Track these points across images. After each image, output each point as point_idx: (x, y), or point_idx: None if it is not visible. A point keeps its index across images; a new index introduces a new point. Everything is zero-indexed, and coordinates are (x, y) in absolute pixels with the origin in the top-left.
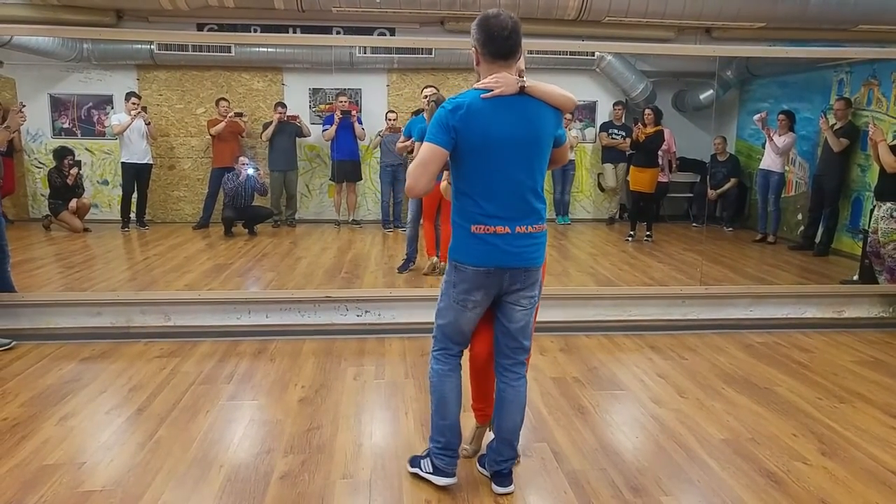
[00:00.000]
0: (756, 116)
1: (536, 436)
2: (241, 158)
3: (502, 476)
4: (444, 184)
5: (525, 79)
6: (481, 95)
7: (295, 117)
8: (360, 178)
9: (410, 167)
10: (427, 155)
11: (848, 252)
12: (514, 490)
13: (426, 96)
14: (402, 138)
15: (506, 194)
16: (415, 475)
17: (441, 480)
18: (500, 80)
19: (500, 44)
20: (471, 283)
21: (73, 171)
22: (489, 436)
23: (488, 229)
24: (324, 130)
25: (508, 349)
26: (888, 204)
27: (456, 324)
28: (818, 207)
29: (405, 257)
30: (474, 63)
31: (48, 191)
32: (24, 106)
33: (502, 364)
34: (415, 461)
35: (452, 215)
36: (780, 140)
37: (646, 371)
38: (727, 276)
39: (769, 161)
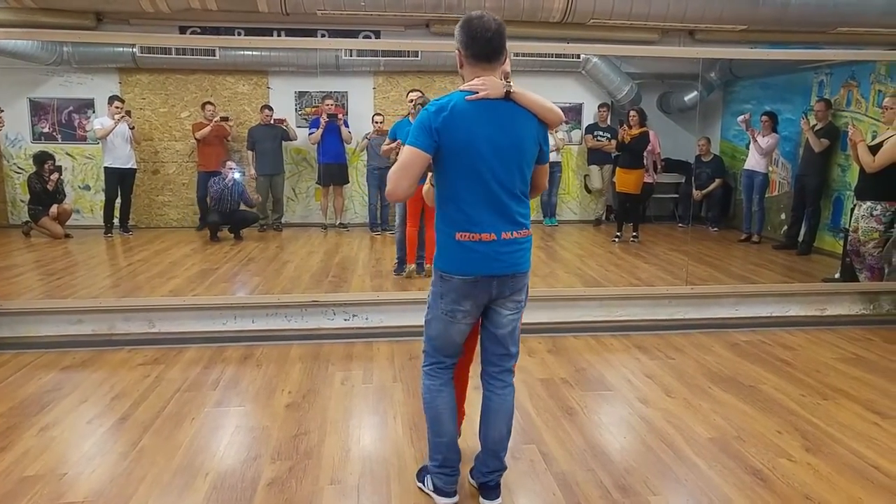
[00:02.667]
0: (740, 118)
1: (525, 437)
2: (229, 163)
3: (489, 489)
4: (426, 186)
5: (512, 83)
6: (466, 97)
7: (282, 121)
8: (347, 182)
9: (391, 171)
10: (408, 158)
11: (830, 251)
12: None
13: (412, 100)
14: (387, 141)
15: (490, 199)
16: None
17: (441, 501)
18: (486, 83)
19: (482, 45)
20: (458, 292)
21: (54, 176)
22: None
23: (473, 236)
24: (310, 134)
25: (495, 356)
26: (868, 203)
27: (446, 336)
28: (801, 207)
29: (396, 261)
30: (458, 66)
31: (28, 196)
32: (2, 111)
33: (489, 372)
34: (420, 475)
35: (437, 222)
36: (764, 141)
37: (633, 371)
38: (713, 276)
39: (753, 161)
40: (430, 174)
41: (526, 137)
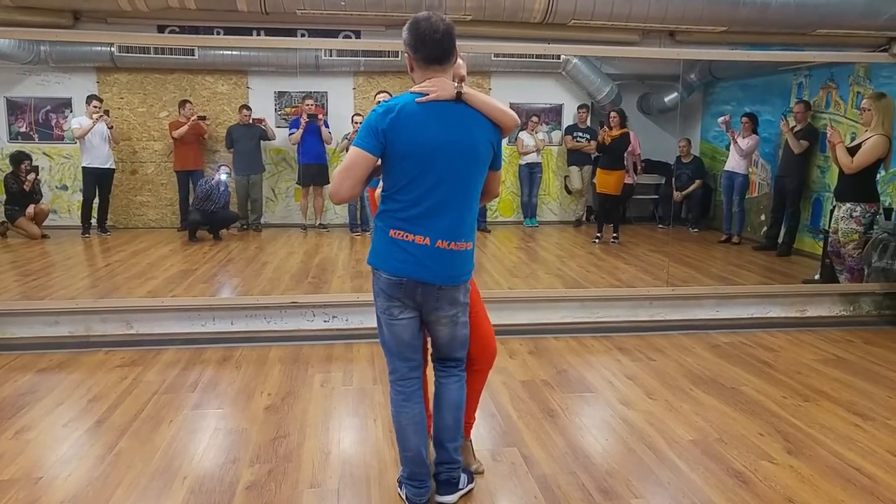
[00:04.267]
0: (720, 119)
1: (506, 440)
2: (223, 167)
3: (439, 482)
4: (378, 190)
5: (463, 85)
6: (416, 99)
7: (261, 120)
8: (328, 182)
9: (335, 171)
10: (352, 159)
11: (809, 252)
12: (454, 501)
13: (378, 101)
14: None
15: (433, 204)
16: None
17: None
18: (436, 85)
19: (431, 47)
20: (386, 293)
21: (31, 176)
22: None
23: (407, 236)
24: (290, 134)
25: (439, 359)
26: (847, 204)
27: (392, 337)
28: (780, 208)
29: None
30: (408, 69)
31: (4, 196)
32: None
33: (436, 367)
34: (400, 482)
35: (375, 218)
36: (744, 142)
37: (614, 373)
38: (693, 277)
39: (734, 163)
40: None
41: (477, 140)
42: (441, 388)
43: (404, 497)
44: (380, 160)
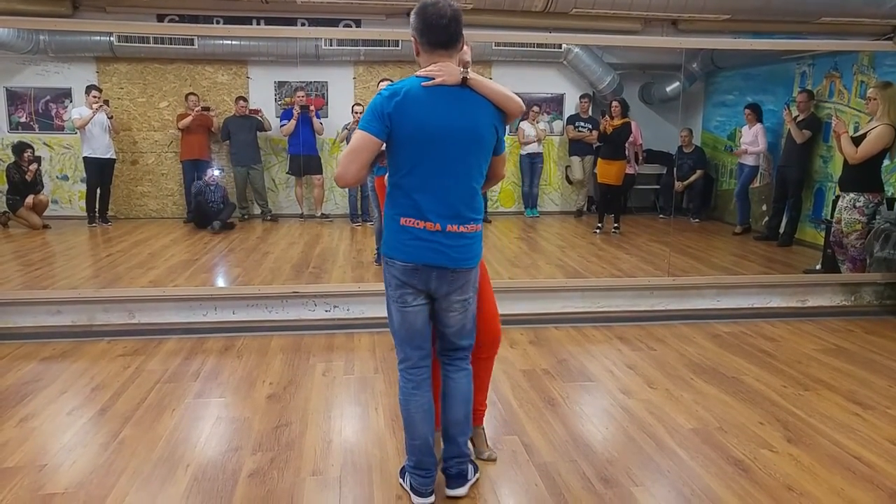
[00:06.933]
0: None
1: (507, 429)
2: (209, 171)
3: (449, 477)
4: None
5: (469, 71)
6: (422, 83)
7: (257, 111)
8: (321, 172)
9: (341, 155)
10: (358, 143)
11: (811, 242)
12: (465, 493)
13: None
14: None
15: (440, 189)
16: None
17: (417, 501)
18: (442, 69)
19: (438, 32)
20: (400, 280)
21: (33, 166)
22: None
23: (418, 223)
24: (282, 125)
25: (446, 350)
26: (851, 194)
27: (403, 324)
28: (782, 198)
29: (376, 251)
30: (415, 53)
31: (6, 186)
32: None
33: (442, 360)
34: (402, 472)
35: (385, 206)
36: (749, 135)
37: (615, 362)
38: (694, 267)
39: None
40: None
41: (482, 125)
42: (450, 382)
43: (408, 487)
44: (385, 146)
